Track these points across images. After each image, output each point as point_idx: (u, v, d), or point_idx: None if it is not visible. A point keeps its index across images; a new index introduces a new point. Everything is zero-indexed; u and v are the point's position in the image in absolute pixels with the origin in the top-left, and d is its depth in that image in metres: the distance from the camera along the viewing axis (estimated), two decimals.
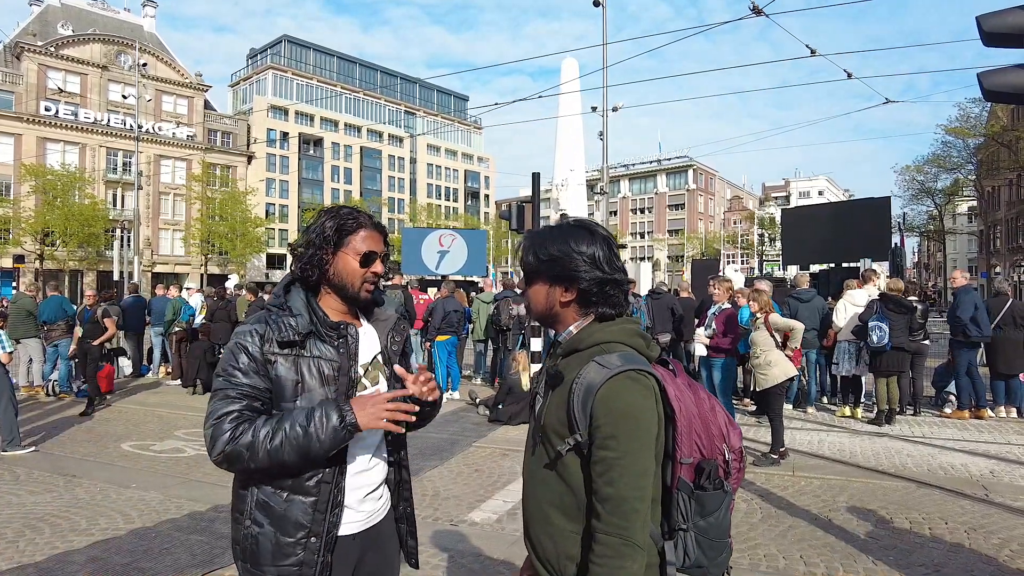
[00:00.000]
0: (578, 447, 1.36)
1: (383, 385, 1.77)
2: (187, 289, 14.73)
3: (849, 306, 8.46)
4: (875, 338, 7.68)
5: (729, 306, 7.20)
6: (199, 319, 11.97)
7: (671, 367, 1.51)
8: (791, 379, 6.44)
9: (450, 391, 9.88)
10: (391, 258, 1.82)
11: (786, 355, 6.33)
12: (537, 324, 7.91)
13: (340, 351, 1.67)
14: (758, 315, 6.48)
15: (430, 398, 1.70)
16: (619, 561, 1.29)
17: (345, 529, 1.67)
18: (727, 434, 1.48)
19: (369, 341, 1.78)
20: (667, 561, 1.39)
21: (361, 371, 1.72)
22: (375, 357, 1.78)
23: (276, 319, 1.64)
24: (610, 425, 1.31)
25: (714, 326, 7.08)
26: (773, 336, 6.36)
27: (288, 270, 1.78)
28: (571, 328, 1.50)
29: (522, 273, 1.61)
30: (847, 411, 8.37)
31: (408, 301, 10.17)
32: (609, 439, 1.31)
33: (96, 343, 8.86)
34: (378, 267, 1.73)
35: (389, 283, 9.39)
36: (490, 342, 11.25)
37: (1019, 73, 5.10)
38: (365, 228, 1.72)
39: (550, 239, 1.50)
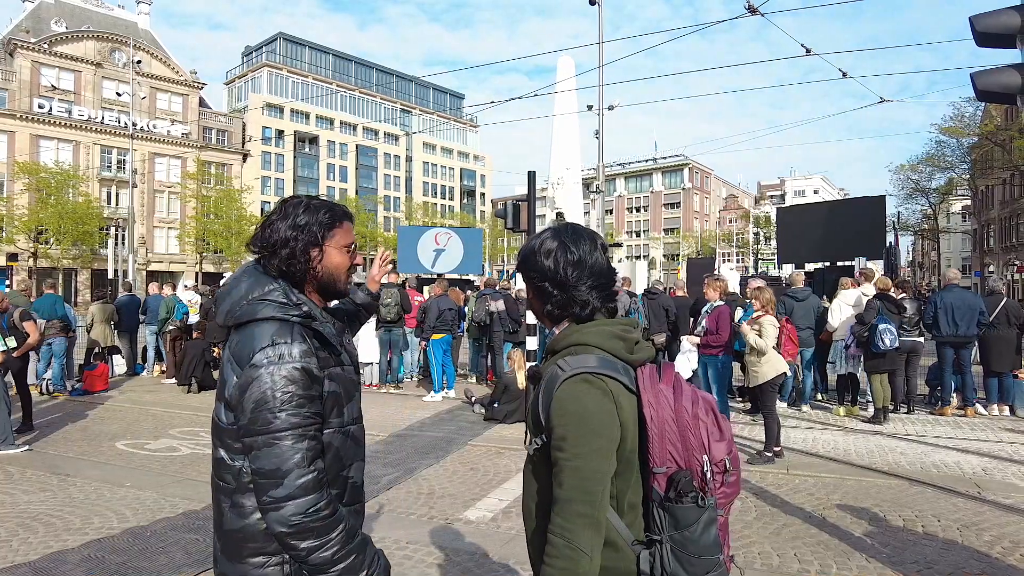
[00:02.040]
0: (544, 447, 1.38)
1: None
2: (186, 287, 14.69)
3: (844, 306, 8.49)
4: (888, 341, 7.55)
5: (721, 303, 7.20)
6: (192, 318, 11.93)
7: (659, 369, 1.45)
8: (783, 375, 6.45)
9: (446, 389, 9.89)
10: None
11: (776, 349, 6.34)
12: (534, 323, 7.96)
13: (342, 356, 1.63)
14: (759, 311, 6.51)
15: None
16: (562, 563, 1.28)
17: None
18: (707, 446, 1.38)
19: None
20: (641, 571, 1.36)
21: None
22: None
23: (318, 327, 1.51)
24: (561, 427, 1.32)
25: (704, 324, 7.08)
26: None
27: (259, 267, 1.59)
28: (555, 329, 1.53)
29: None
30: (842, 411, 8.40)
31: (404, 300, 10.20)
32: (560, 440, 1.32)
33: (17, 354, 7.28)
34: (358, 258, 1.72)
35: (387, 282, 9.38)
36: (477, 340, 11.35)
37: (1011, 73, 5.13)
38: (347, 219, 1.66)
39: (524, 246, 1.58)
